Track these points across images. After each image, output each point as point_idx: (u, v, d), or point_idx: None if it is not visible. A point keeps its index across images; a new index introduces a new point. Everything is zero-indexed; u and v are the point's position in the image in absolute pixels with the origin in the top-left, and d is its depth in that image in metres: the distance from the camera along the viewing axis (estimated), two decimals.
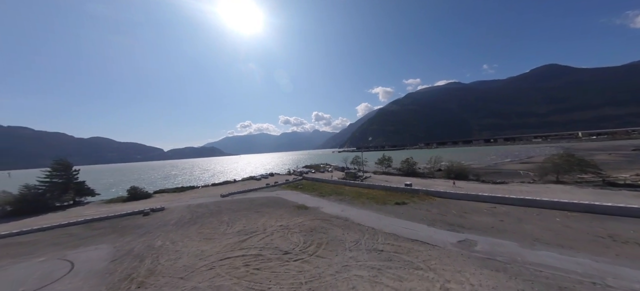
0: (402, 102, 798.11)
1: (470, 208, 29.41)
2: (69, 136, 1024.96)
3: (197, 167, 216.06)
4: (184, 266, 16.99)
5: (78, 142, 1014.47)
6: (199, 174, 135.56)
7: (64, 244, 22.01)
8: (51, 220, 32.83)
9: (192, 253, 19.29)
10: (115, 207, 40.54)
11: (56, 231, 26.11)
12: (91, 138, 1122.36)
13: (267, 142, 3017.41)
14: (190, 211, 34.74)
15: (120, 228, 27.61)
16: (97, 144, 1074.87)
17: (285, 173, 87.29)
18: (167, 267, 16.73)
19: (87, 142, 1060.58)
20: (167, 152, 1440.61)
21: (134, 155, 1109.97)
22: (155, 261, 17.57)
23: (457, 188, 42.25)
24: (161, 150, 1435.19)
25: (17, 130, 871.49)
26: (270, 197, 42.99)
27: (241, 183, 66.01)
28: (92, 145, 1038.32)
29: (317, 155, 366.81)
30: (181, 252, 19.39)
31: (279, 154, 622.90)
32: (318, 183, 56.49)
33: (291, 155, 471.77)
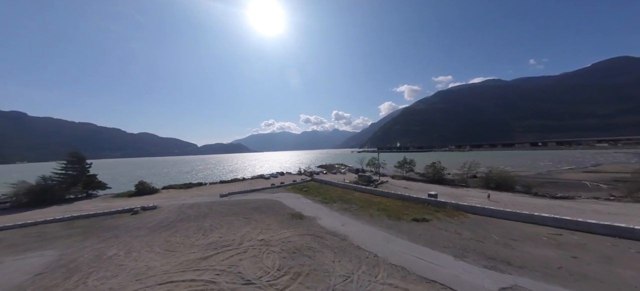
0: (431, 101, 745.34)
1: (520, 234, 21.41)
2: (123, 131, 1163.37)
3: (222, 163, 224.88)
4: (110, 288, 13.16)
5: (129, 137, 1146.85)
6: (219, 170, 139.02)
7: (17, 246, 20.11)
8: (45, 214, 32.70)
9: (135, 270, 15.47)
10: (116, 203, 40.07)
11: (29, 229, 24.97)
12: (139, 133, 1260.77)
13: (288, 140, 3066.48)
14: (178, 212, 31.97)
15: (96, 228, 25.54)
16: (144, 139, 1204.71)
17: (296, 173, 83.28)
18: (90, 289, 13.05)
19: (137, 136, 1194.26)
20: (200, 147, 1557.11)
21: (172, 150, 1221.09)
22: (82, 279, 14.04)
23: (494, 203, 33.37)
24: (195, 145, 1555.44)
25: (85, 125, 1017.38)
26: (268, 200, 38.82)
27: (248, 181, 63.46)
28: (140, 140, 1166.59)
29: (335, 154, 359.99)
30: (124, 268, 15.70)
31: (297, 152, 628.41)
32: (326, 186, 50.99)
33: (309, 153, 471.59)
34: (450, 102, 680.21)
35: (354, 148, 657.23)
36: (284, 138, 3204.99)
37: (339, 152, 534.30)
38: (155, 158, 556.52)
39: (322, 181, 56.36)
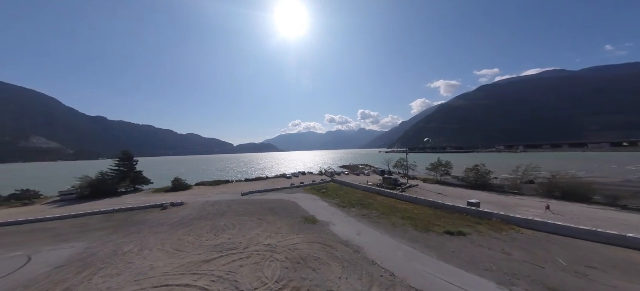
0: (472, 96, 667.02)
1: (602, 260, 16.14)
2: (175, 132, 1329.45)
3: (252, 162, 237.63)
4: (108, 288, 13.15)
5: (179, 137, 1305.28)
6: (247, 168, 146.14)
7: (60, 237, 22.52)
8: (96, 206, 37.20)
9: (139, 270, 15.46)
10: (153, 197, 43.88)
11: (77, 221, 28.27)
12: (187, 134, 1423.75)
13: (313, 140, 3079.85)
14: (201, 209, 33.09)
15: (127, 222, 27.65)
16: (191, 139, 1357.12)
17: (317, 173, 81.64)
18: (90, 288, 13.22)
19: (185, 137, 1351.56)
20: (236, 147, 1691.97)
21: (213, 148, 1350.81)
22: (89, 276, 14.43)
23: (558, 216, 26.55)
24: (232, 145, 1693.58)
25: (146, 127, 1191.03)
26: (285, 201, 37.94)
27: (270, 181, 64.17)
28: (188, 140, 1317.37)
29: (361, 154, 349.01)
30: (130, 266, 15.88)
31: (322, 152, 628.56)
32: (346, 188, 48.19)
33: (334, 153, 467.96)
34: (496, 98, 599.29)
35: (382, 149, 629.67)
36: (309, 138, 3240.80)
37: (365, 152, 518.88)
38: (198, 157, 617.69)
39: (342, 183, 53.66)
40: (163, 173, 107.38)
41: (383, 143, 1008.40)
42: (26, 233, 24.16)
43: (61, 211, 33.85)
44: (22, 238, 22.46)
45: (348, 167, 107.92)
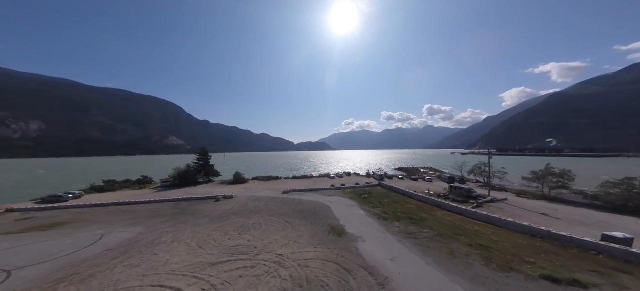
0: (614, 80, 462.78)
1: None
2: (252, 132, 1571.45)
3: (307, 160, 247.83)
4: (117, 280, 13.97)
5: (255, 136, 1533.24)
6: (299, 166, 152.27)
7: (135, 220, 27.52)
8: (177, 194, 45.44)
9: (153, 264, 15.96)
10: (216, 189, 50.22)
11: (152, 206, 34.62)
12: (260, 134, 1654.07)
13: (367, 139, 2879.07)
14: (243, 204, 34.81)
15: (184, 212, 31.62)
16: (262, 138, 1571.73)
17: (364, 175, 74.49)
18: (106, 277, 14.37)
19: (258, 136, 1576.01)
20: (296, 145, 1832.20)
21: (278, 146, 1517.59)
22: (118, 263, 15.84)
23: None
24: (293, 143, 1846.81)
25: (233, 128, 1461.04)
26: (318, 204, 35.34)
27: (313, 180, 62.86)
28: (261, 139, 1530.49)
29: (426, 156, 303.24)
30: (150, 260, 16.69)
31: (378, 152, 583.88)
32: (395, 195, 41.02)
33: (392, 153, 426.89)
34: None
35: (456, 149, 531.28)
36: (362, 136, 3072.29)
37: (432, 153, 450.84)
38: (266, 153, 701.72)
39: (391, 188, 46.25)
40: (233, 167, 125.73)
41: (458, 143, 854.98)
42: (121, 213, 31.32)
43: (153, 196, 43.13)
44: (115, 217, 29.03)
45: (405, 169, 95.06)
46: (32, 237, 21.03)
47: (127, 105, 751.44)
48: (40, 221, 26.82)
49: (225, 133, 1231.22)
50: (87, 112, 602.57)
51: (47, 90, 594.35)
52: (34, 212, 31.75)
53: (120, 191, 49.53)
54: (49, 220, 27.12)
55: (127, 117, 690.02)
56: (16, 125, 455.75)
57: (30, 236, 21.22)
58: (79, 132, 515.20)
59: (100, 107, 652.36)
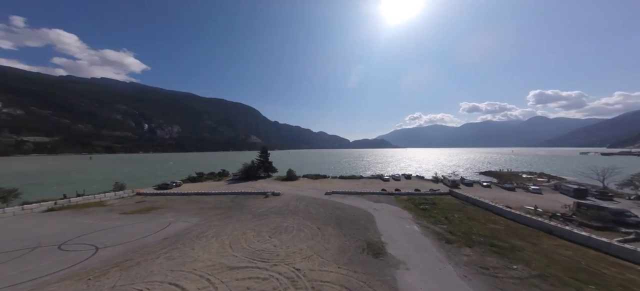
0: None
1: None
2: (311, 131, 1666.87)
3: (361, 157, 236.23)
4: (150, 272, 15.55)
5: (313, 134, 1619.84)
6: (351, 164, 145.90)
7: (198, 210, 32.28)
8: (239, 187, 51.85)
9: (182, 260, 17.08)
10: (269, 184, 54.09)
11: (216, 198, 39.98)
12: (318, 132, 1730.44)
13: (439, 134, 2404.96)
14: (286, 203, 35.38)
15: (237, 206, 34.90)
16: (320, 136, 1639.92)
17: (430, 178, 61.87)
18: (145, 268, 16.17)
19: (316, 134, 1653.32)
20: (351, 142, 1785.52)
21: (334, 144, 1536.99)
22: (159, 255, 18.01)
23: None
24: (348, 141, 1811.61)
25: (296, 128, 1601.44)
26: (361, 210, 31.47)
27: (362, 181, 57.39)
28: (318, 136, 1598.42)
29: (534, 156, 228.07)
30: (187, 254, 18.13)
31: (453, 150, 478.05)
32: (471, 208, 31.77)
33: (475, 152, 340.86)
34: None
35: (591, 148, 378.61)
36: (433, 132, 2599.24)
37: (545, 152, 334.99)
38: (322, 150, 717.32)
39: (467, 198, 36.01)
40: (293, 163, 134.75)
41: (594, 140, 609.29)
42: (194, 202, 37.89)
43: (222, 187, 50.68)
44: (188, 206, 35.25)
45: (496, 174, 74.05)
46: (133, 219, 27.87)
47: (223, 111, 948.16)
48: (146, 204, 35.83)
49: (290, 133, 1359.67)
50: (200, 118, 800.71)
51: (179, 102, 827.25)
52: (150, 196, 43.28)
53: (205, 182, 61.44)
54: (151, 204, 35.83)
55: (223, 120, 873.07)
56: (165, 129, 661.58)
57: (132, 218, 28.21)
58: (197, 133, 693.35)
59: (208, 113, 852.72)
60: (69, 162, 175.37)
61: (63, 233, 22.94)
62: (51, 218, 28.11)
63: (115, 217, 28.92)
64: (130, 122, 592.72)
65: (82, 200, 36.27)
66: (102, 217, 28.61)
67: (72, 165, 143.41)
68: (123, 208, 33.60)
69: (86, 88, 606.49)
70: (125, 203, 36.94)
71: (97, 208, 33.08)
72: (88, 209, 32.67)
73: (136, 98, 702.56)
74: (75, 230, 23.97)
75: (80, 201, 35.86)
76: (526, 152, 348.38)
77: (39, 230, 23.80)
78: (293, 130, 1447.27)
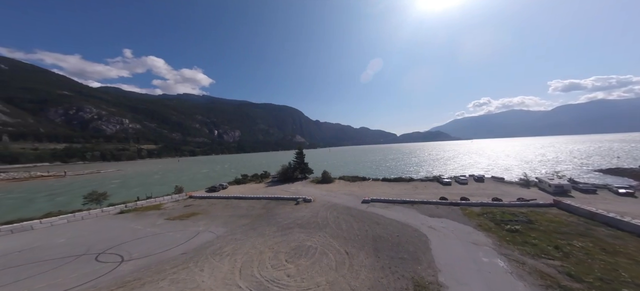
0: None
1: None
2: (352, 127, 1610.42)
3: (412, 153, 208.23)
4: None
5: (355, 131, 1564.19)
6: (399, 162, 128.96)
7: (229, 218, 31.83)
8: (275, 191, 51.12)
9: (189, 285, 15.48)
10: (305, 188, 51.13)
11: (251, 203, 39.29)
12: (360, 128, 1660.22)
13: (519, 121, 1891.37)
14: (314, 213, 31.47)
15: (268, 213, 32.98)
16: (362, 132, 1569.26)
17: (514, 181, 45.25)
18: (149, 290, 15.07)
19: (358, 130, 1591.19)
20: (399, 137, 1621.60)
21: (378, 139, 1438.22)
22: (168, 274, 16.83)
23: None
24: (395, 135, 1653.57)
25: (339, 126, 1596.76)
26: (410, 227, 24.39)
27: (413, 184, 47.12)
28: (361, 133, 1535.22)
29: None
30: (193, 275, 16.51)
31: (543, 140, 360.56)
32: (602, 231, 21.33)
33: (578, 142, 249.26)
34: None
35: None
36: (509, 119, 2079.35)
37: None
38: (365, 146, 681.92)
39: (591, 214, 24.01)
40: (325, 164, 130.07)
41: None
42: (230, 207, 38.16)
43: (260, 191, 50.99)
44: (223, 211, 35.59)
45: (634, 172, 51.50)
46: (171, 226, 29.14)
47: (273, 114, 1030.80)
48: (191, 209, 38.19)
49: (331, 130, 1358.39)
50: (255, 121, 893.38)
51: (238, 109, 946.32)
52: (199, 199, 46.99)
53: (248, 184, 64.23)
54: (194, 209, 37.96)
55: (273, 123, 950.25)
56: (230, 134, 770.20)
57: (171, 225, 29.53)
58: (253, 135, 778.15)
59: (261, 117, 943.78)
60: (165, 165, 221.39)
61: (112, 239, 25.18)
62: (115, 222, 32.23)
63: (160, 222, 31.04)
64: (205, 129, 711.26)
65: (146, 203, 41.55)
66: (150, 222, 31.15)
67: (168, 168, 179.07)
68: (172, 212, 36.43)
69: (175, 104, 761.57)
70: (177, 207, 40.39)
71: (153, 212, 36.87)
72: (147, 212, 36.75)
73: (208, 108, 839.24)
74: (123, 235, 26.19)
75: (144, 204, 41.15)
76: None
77: (98, 235, 26.94)
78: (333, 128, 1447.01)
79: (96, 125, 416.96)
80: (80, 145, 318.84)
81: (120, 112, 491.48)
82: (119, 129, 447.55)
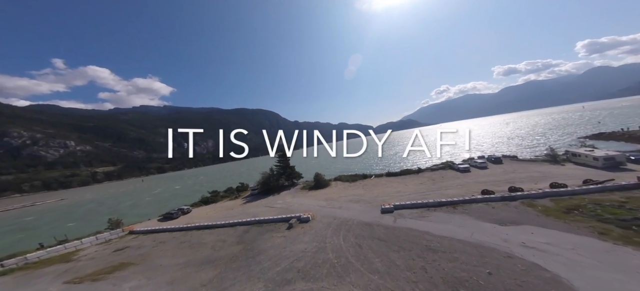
0: None
1: None
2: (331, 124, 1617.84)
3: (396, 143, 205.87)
4: None
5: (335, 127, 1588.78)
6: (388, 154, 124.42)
7: (180, 267, 18.84)
8: (255, 209, 38.40)
9: None
10: (296, 199, 39.33)
11: (221, 234, 26.36)
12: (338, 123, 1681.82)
13: (474, 104, 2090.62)
14: (319, 241, 20.11)
15: (248, 252, 20.99)
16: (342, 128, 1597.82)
17: (539, 158, 39.03)
18: None
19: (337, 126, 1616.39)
20: (375, 128, 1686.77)
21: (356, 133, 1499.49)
22: None
23: None
24: (371, 127, 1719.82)
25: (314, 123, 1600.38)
26: (501, 253, 14.41)
27: (427, 176, 38.03)
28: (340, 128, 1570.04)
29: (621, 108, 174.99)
30: None
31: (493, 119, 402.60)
32: None
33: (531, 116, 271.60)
34: None
35: None
36: (466, 103, 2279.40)
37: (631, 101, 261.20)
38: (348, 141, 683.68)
39: None
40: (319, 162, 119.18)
41: None
42: (186, 246, 24.90)
43: (235, 211, 37.78)
44: (173, 256, 22.36)
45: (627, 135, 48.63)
46: None
47: (247, 119, 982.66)
48: (120, 257, 23.99)
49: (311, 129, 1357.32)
50: (228, 128, 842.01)
51: (207, 117, 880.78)
52: (144, 234, 32.09)
53: (220, 202, 49.88)
54: (126, 256, 23.98)
55: (250, 128, 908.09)
56: (202, 144, 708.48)
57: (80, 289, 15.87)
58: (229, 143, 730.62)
59: (235, 123, 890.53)
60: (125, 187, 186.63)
61: None
62: None
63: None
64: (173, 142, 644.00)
65: (46, 254, 25.79)
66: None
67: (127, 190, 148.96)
68: (86, 266, 22.30)
69: (131, 118, 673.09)
70: (101, 253, 25.88)
71: (53, 269, 22.26)
72: (41, 270, 21.90)
73: (172, 120, 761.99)
74: None
75: (43, 255, 25.38)
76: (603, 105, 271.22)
77: None
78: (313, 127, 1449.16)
79: (31, 151, 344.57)
80: (12, 176, 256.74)
81: (62, 133, 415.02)
82: (63, 153, 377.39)
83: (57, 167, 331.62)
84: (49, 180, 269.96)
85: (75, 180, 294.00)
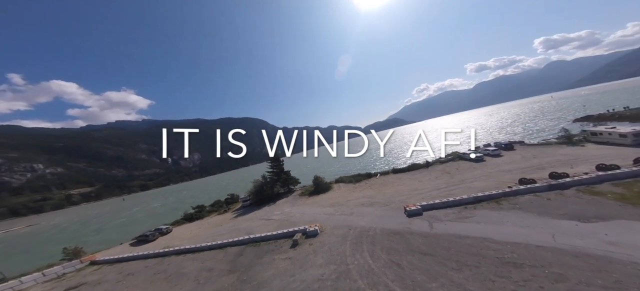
0: None
1: None
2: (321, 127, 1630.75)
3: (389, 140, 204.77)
4: None
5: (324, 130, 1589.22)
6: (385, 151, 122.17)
7: None
8: (249, 224, 32.47)
9: None
10: (295, 208, 33.94)
11: (207, 259, 20.36)
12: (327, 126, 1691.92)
13: (453, 100, 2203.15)
14: (338, 263, 15.08)
15: (243, 288, 15.69)
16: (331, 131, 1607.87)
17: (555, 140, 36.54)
18: None
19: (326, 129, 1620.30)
20: (363, 128, 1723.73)
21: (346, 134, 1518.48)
22: None
23: None
24: (360, 127, 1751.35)
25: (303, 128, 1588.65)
26: None
27: (441, 169, 34.29)
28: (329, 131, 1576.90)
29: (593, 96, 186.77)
30: None
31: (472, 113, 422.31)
32: None
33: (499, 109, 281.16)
34: None
35: None
36: (446, 99, 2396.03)
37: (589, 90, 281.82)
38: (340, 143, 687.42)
39: None
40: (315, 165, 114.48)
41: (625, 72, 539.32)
42: (161, 280, 18.96)
43: (227, 227, 31.74)
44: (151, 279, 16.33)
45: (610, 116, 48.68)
46: None
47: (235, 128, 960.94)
48: None
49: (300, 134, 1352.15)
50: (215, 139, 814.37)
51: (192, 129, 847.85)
52: (108, 264, 25.21)
53: (206, 218, 43.21)
54: None
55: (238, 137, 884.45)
56: (191, 158, 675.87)
57: None
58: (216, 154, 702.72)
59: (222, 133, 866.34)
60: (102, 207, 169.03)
61: None
62: None
63: None
64: (155, 158, 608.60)
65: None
66: None
67: (103, 211, 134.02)
68: None
69: (107, 135, 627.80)
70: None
71: None
72: None
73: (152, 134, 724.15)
74: None
75: None
76: (568, 94, 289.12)
77: None
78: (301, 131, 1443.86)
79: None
80: None
81: (28, 155, 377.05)
82: (31, 178, 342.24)
83: (25, 192, 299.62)
84: (16, 206, 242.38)
85: (48, 204, 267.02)
